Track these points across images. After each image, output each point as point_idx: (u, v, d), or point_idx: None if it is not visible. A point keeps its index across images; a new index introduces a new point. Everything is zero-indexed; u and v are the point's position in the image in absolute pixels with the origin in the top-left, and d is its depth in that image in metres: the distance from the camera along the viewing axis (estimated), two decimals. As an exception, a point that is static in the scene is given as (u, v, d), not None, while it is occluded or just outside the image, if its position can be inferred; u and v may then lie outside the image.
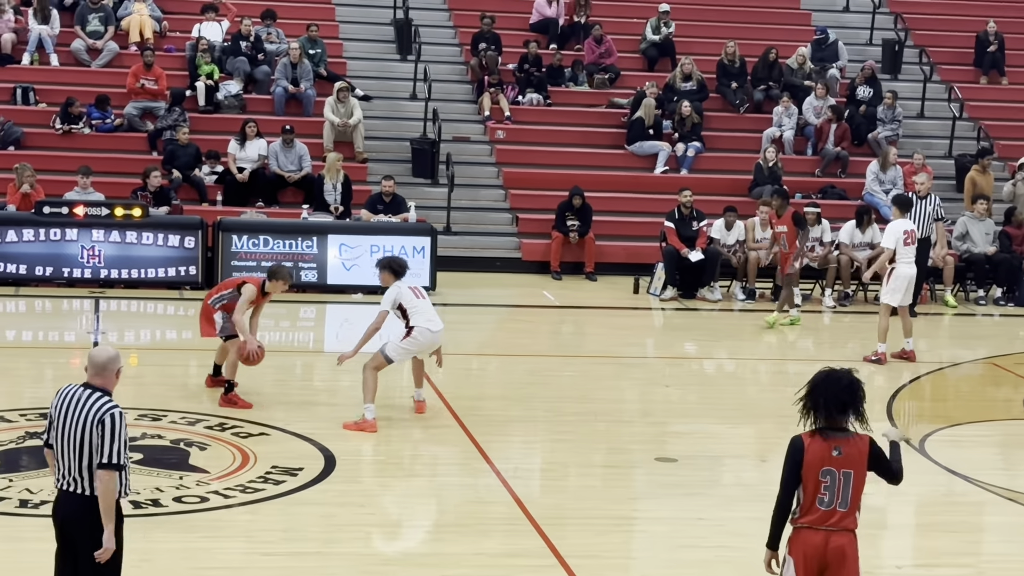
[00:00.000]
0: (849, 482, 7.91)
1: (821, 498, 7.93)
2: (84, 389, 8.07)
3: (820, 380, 7.96)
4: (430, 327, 14.36)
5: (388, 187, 22.93)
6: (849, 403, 7.92)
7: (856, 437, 7.97)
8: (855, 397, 7.93)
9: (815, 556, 7.96)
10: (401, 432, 14.43)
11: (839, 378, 7.95)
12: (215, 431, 13.66)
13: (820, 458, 7.90)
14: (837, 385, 7.92)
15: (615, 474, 13.30)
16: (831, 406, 7.90)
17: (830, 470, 7.90)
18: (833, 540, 7.95)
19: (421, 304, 14.39)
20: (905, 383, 17.29)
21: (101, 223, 21.09)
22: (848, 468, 7.91)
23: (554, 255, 23.96)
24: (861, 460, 7.94)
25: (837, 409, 7.90)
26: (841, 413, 7.92)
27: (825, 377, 7.97)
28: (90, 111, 24.94)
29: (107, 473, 7.89)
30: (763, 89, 27.90)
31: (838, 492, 7.92)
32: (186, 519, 11.22)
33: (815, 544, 7.95)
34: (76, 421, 7.94)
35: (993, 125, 28.29)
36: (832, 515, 7.94)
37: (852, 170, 26.54)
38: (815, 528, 7.96)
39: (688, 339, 20.31)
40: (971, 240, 23.23)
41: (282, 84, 26.14)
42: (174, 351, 18.04)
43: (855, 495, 7.95)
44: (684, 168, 26.22)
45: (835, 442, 7.90)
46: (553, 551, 10.79)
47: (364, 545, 10.84)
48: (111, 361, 8.10)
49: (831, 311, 22.16)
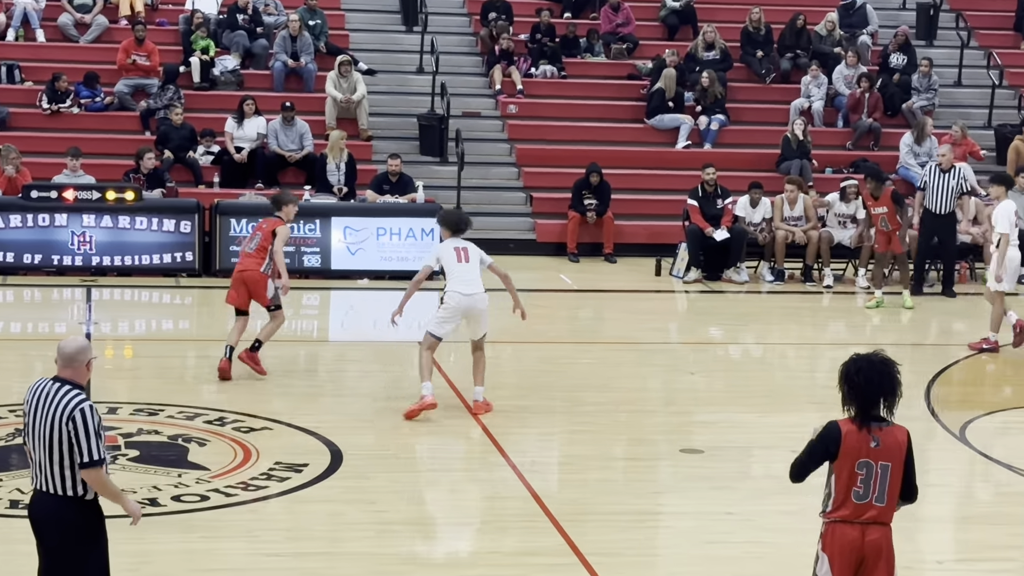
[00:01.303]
0: (887, 475, 7.88)
1: (857, 491, 7.89)
2: (53, 383, 8.02)
3: (857, 366, 7.92)
4: (461, 290, 14.50)
5: (394, 166, 22.93)
6: (889, 390, 7.88)
7: (894, 427, 7.94)
8: (894, 384, 7.90)
9: (852, 551, 7.93)
10: (411, 425, 14.43)
11: (877, 364, 7.91)
12: (215, 426, 13.69)
13: (857, 448, 7.86)
14: (875, 371, 7.88)
15: (638, 467, 13.31)
16: (870, 393, 7.86)
17: (867, 462, 7.87)
18: (870, 534, 7.92)
19: (459, 268, 14.60)
20: (945, 367, 17.27)
21: (92, 207, 21.12)
22: (886, 460, 7.88)
23: (571, 236, 23.95)
24: (899, 452, 7.91)
25: (876, 397, 7.87)
26: (879, 401, 7.88)
27: (863, 363, 7.92)
28: (79, 89, 24.97)
29: (91, 472, 7.88)
30: (790, 58, 27.85)
31: (875, 485, 7.88)
32: (185, 519, 11.25)
33: (851, 539, 7.93)
34: (46, 418, 7.91)
35: (1035, 93, 28.21)
36: (868, 509, 7.90)
37: (885, 143, 26.49)
38: (850, 522, 7.92)
39: (713, 323, 20.29)
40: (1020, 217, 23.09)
41: (281, 58, 26.14)
42: (171, 342, 18.07)
43: (892, 489, 7.91)
44: (707, 142, 26.19)
45: (874, 432, 7.88)
46: (573, 549, 10.80)
47: (373, 545, 10.85)
48: (80, 352, 8.06)
49: (865, 292, 22.11)
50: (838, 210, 22.59)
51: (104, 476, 7.94)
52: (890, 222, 20.68)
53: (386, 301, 20.72)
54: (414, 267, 21.60)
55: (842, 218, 22.53)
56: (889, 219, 20.68)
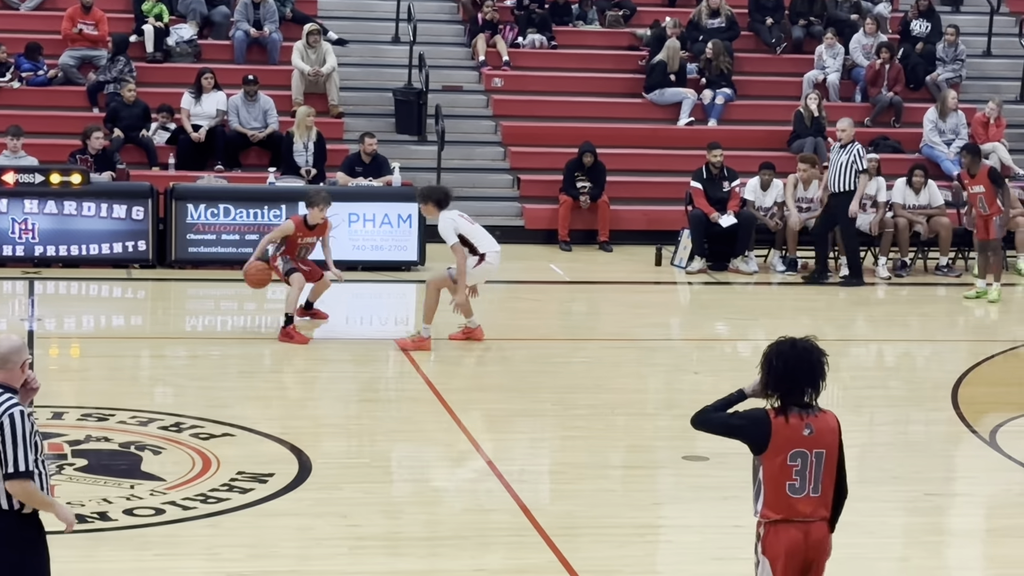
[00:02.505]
0: (822, 463, 7.99)
1: (792, 484, 7.96)
2: None
3: (784, 351, 8.00)
4: (494, 248, 16.84)
5: (368, 146, 22.94)
6: (814, 377, 7.98)
7: (825, 413, 8.06)
8: (819, 371, 7.99)
9: (797, 553, 8.00)
10: (386, 431, 14.46)
11: (800, 350, 8.00)
12: (171, 432, 13.69)
13: (789, 440, 7.94)
14: (804, 356, 7.97)
15: (636, 476, 13.33)
16: (793, 380, 7.95)
17: (801, 452, 7.95)
18: (813, 533, 8.01)
19: (477, 230, 16.77)
20: (973, 365, 17.32)
21: (35, 192, 21.10)
22: (820, 448, 7.98)
23: (562, 222, 23.99)
24: (833, 438, 8.03)
25: (800, 384, 7.95)
26: (804, 388, 7.97)
27: (790, 347, 8.00)
28: (19, 61, 24.94)
29: (17, 484, 7.82)
30: (803, 25, 27.91)
31: (810, 476, 7.97)
32: (139, 534, 11.24)
33: (795, 540, 7.99)
34: None
35: (1072, 64, 28.27)
36: (806, 503, 7.98)
37: (908, 118, 26.56)
38: (791, 521, 7.99)
39: (719, 318, 20.33)
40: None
41: (243, 27, 26.14)
42: (122, 340, 18.06)
43: (827, 478, 8.01)
44: (712, 119, 26.24)
45: (805, 419, 7.97)
46: (565, 566, 10.82)
47: (345, 562, 10.87)
48: (14, 352, 8.03)
49: (886, 282, 22.17)
50: (859, 189, 22.62)
51: (31, 488, 7.89)
52: (988, 204, 20.62)
53: (359, 294, 20.80)
54: (390, 256, 21.81)
55: (864, 199, 22.53)
56: (987, 200, 20.62)
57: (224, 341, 17.76)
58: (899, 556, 11.63)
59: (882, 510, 12.46)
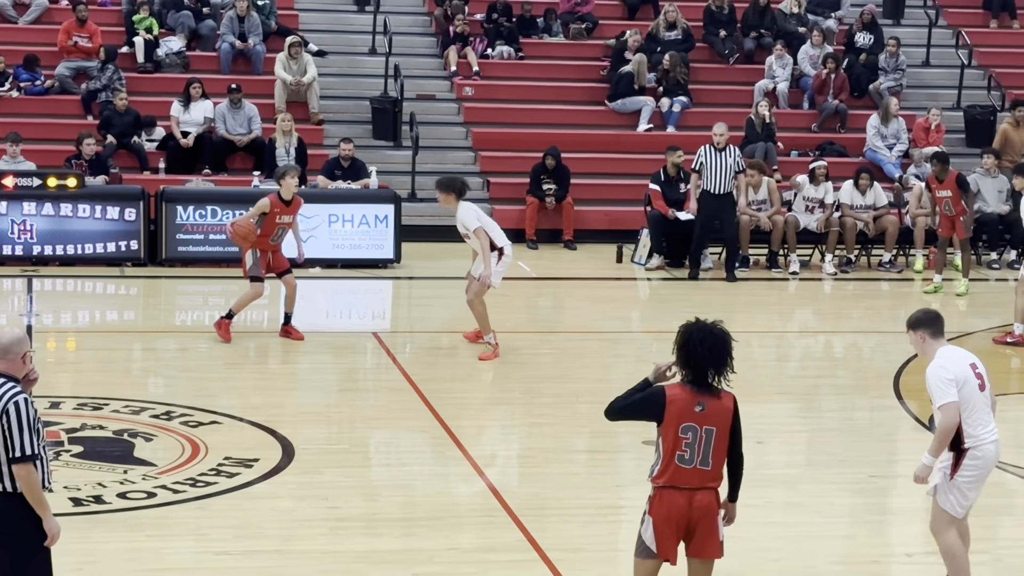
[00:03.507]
0: (711, 439, 8.15)
1: (682, 455, 8.16)
2: None
3: (700, 335, 8.18)
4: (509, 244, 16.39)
5: (346, 150, 22.89)
6: (722, 361, 8.16)
7: (723, 394, 8.23)
8: (727, 355, 8.17)
9: (680, 517, 8.20)
10: (365, 419, 14.43)
11: (709, 331, 8.18)
12: (162, 420, 13.64)
13: (681, 413, 8.14)
14: (707, 339, 8.15)
15: (599, 460, 13.31)
16: (706, 362, 8.15)
17: (692, 426, 8.15)
18: (698, 499, 8.19)
19: (493, 223, 16.41)
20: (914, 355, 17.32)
21: (33, 195, 21.00)
22: (711, 425, 8.16)
23: (529, 222, 23.96)
24: (725, 417, 8.19)
25: (711, 365, 8.15)
26: (712, 369, 8.16)
27: (695, 330, 8.19)
28: (18, 72, 24.83)
29: (22, 467, 7.83)
30: (754, 37, 27.91)
31: (699, 449, 8.15)
32: (131, 516, 11.20)
33: (679, 505, 8.19)
34: None
35: (1005, 73, 28.35)
36: (694, 474, 8.17)
37: (852, 124, 26.60)
38: (677, 488, 8.18)
39: (677, 312, 20.25)
40: (982, 199, 23.21)
41: (228, 40, 26.05)
42: (115, 334, 17.99)
43: (717, 454, 8.18)
44: (670, 125, 26.23)
45: (699, 397, 8.15)
46: (533, 544, 10.80)
47: (327, 542, 10.83)
48: (15, 344, 8.02)
49: (832, 278, 22.21)
50: (807, 193, 22.65)
51: (34, 475, 7.88)
52: (954, 206, 20.68)
53: (338, 290, 20.76)
54: (367, 255, 21.75)
55: (810, 202, 22.59)
56: (953, 203, 20.68)
57: (212, 335, 17.67)
58: (846, 534, 11.64)
59: (829, 491, 12.50)
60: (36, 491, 7.92)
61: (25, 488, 7.89)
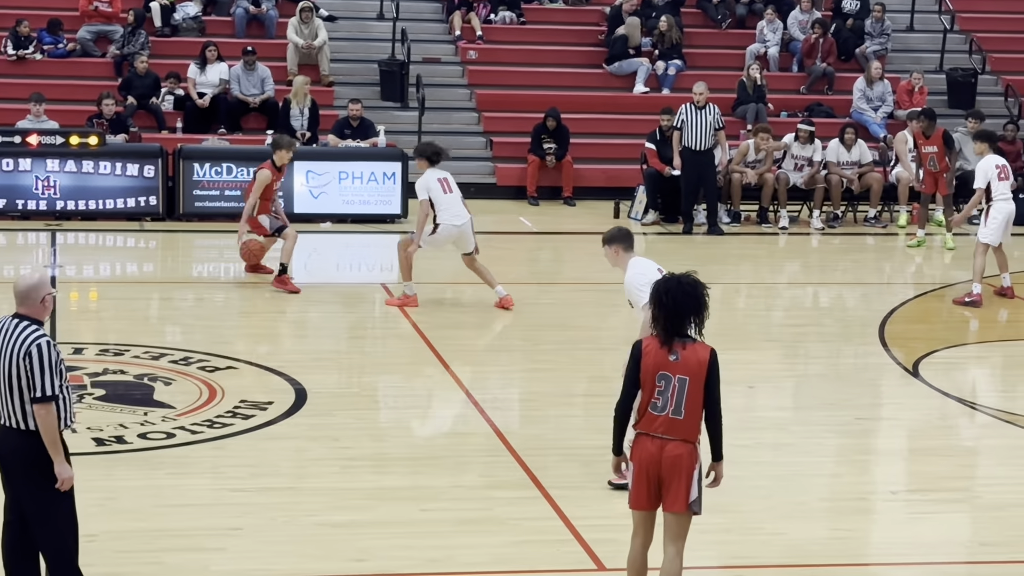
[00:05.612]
0: (684, 389, 8.03)
1: (655, 403, 8.07)
2: (12, 320, 8.00)
3: (667, 287, 8.12)
4: (454, 222, 15.74)
5: (355, 111, 22.82)
6: (695, 310, 8.10)
7: (698, 345, 8.13)
8: (700, 304, 8.12)
9: (651, 464, 8.10)
10: (374, 365, 14.45)
11: (677, 283, 8.13)
12: (180, 365, 13.65)
13: (656, 363, 8.06)
14: (682, 291, 8.09)
15: (597, 403, 13.24)
16: (676, 313, 8.07)
17: (665, 375, 8.05)
18: (668, 449, 8.07)
19: (447, 199, 15.71)
20: (897, 305, 17.33)
21: (56, 152, 20.96)
22: (684, 374, 8.04)
23: (530, 180, 23.91)
24: (699, 367, 8.07)
25: (682, 316, 8.08)
26: (685, 320, 8.10)
27: (672, 284, 8.13)
28: (41, 35, 24.73)
29: (42, 407, 7.83)
30: (746, 3, 27.78)
31: (672, 398, 8.04)
32: (151, 456, 11.23)
33: (650, 452, 8.11)
34: (5, 354, 7.87)
35: (986, 38, 28.20)
36: (665, 422, 8.05)
37: (839, 87, 26.48)
38: (650, 435, 8.10)
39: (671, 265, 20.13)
40: (964, 158, 23.13)
41: (243, 5, 25.94)
42: (135, 284, 17.98)
43: (691, 404, 8.04)
44: (665, 87, 26.12)
45: (675, 347, 8.06)
46: (535, 482, 10.83)
47: (337, 480, 10.85)
48: (32, 289, 8.02)
49: (819, 233, 22.17)
50: (796, 152, 22.58)
51: (52, 417, 7.87)
52: (939, 162, 20.62)
53: (348, 244, 20.75)
54: (376, 210, 21.72)
55: (799, 160, 22.53)
56: (938, 159, 20.62)
57: (227, 286, 17.68)
58: (832, 473, 11.67)
59: (817, 432, 12.52)
60: (52, 432, 7.91)
61: (42, 428, 7.89)
